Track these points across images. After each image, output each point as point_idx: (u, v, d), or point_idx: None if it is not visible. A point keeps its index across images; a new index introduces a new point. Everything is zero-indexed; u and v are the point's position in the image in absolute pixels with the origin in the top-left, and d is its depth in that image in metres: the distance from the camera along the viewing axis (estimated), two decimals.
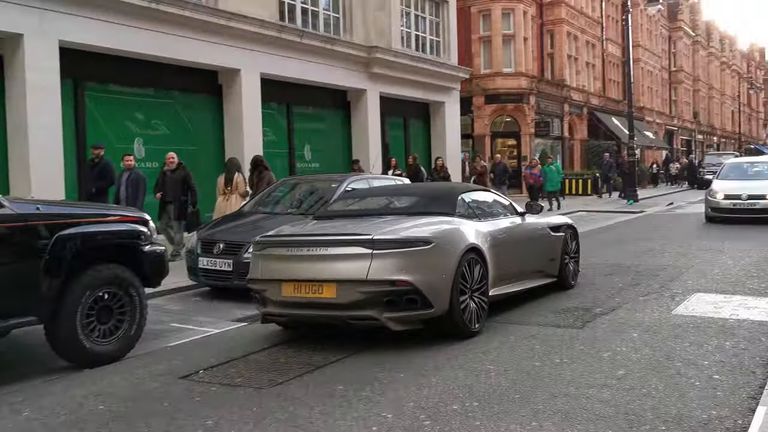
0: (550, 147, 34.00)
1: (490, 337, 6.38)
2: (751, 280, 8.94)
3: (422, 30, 22.76)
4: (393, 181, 11.72)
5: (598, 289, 8.63)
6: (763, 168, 18.17)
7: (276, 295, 6.12)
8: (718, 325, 6.57)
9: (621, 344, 5.95)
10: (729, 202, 16.33)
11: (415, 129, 23.95)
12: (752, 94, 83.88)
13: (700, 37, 61.42)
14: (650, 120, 47.47)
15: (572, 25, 35.18)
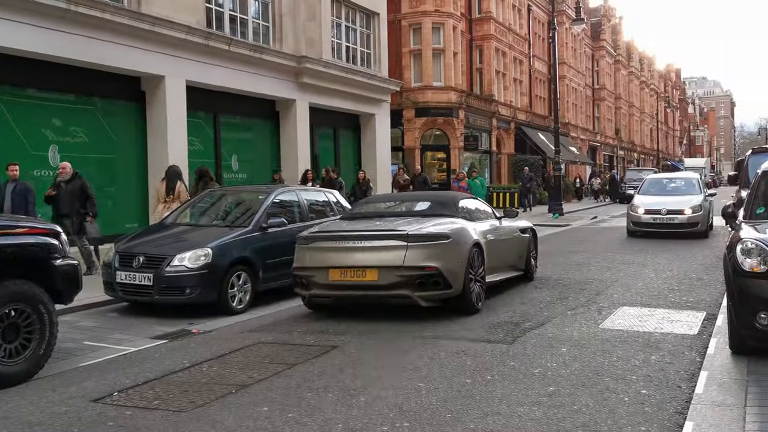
0: (479, 161, 34.47)
1: (420, 353, 6.27)
2: (672, 293, 9.16)
3: (353, 41, 22.69)
4: (322, 192, 11.54)
5: (528, 303, 8.67)
6: (680, 184, 18.83)
7: (324, 280, 7.68)
8: (643, 338, 6.66)
9: (551, 360, 5.95)
10: (649, 216, 16.81)
11: (346, 140, 23.82)
12: (669, 112, 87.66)
13: (621, 56, 63.73)
14: (575, 136, 48.82)
15: (500, 41, 35.84)
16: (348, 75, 21.51)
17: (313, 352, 6.44)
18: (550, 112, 44.02)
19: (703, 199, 17.19)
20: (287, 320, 8.11)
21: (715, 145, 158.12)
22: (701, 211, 16.61)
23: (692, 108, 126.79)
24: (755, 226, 6.13)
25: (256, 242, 9.07)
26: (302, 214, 10.28)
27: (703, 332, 6.89)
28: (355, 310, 8.32)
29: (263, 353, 6.49)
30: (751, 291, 5.47)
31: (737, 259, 5.62)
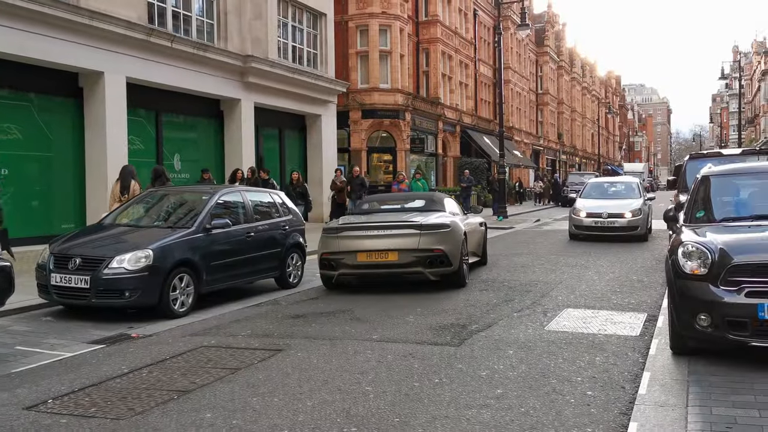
0: (425, 163, 34.67)
1: (367, 356, 6.23)
2: (615, 295, 9.34)
3: (300, 42, 22.53)
4: (268, 194, 11.38)
5: (474, 305, 8.71)
6: (621, 188, 19.19)
7: (352, 261, 9.73)
8: (588, 340, 6.76)
9: (498, 362, 5.97)
10: (591, 220, 17.11)
11: (291, 141, 23.63)
12: (609, 117, 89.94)
13: (564, 62, 65.09)
14: (518, 140, 49.59)
15: (447, 45, 36.13)
16: (294, 75, 21.36)
17: (258, 356, 6.32)
18: (495, 116, 44.68)
19: (642, 203, 17.45)
20: (231, 324, 7.95)
21: (653, 151, 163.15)
22: (641, 215, 16.88)
23: (631, 114, 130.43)
24: (695, 229, 6.28)
25: (199, 244, 8.88)
26: (247, 215, 10.12)
27: (644, 333, 7.03)
28: (301, 318, 8.22)
29: (206, 358, 6.34)
30: (691, 293, 5.59)
31: (678, 261, 5.74)
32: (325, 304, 9.17)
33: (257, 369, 5.89)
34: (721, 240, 5.71)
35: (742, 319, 5.32)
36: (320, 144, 23.95)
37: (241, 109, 19.55)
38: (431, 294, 9.59)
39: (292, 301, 9.49)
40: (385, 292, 9.89)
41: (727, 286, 5.42)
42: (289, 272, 10.77)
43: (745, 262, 5.42)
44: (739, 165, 8.60)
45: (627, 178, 21.74)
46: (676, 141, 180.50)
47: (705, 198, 6.93)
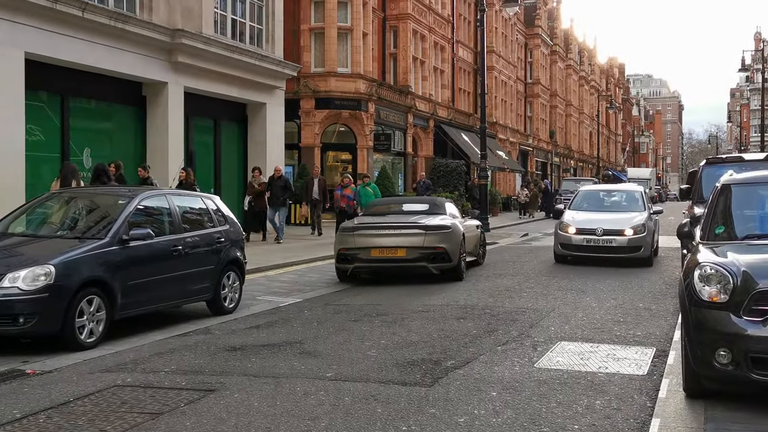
0: (391, 164, 34.79)
1: (320, 399, 6.18)
2: (618, 325, 9.44)
3: (241, 14, 22.47)
4: (200, 198, 11.27)
5: (449, 336, 8.72)
6: (621, 198, 18.62)
7: (366, 256, 13.24)
8: (586, 380, 6.80)
9: (479, 406, 5.97)
10: (582, 238, 16.30)
11: (229, 134, 23.50)
12: (611, 114, 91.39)
13: (558, 47, 66.09)
14: (503, 138, 50.08)
15: (419, 23, 36.38)
16: (234, 55, 21.29)
17: (185, 398, 6.22)
18: (476, 109, 45.06)
19: (647, 218, 16.73)
20: (152, 357, 7.83)
21: (662, 154, 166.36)
22: (644, 233, 16.17)
23: (637, 110, 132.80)
24: (714, 248, 6.38)
25: (113, 259, 8.73)
26: (174, 224, 9.99)
27: (653, 372, 7.10)
28: (239, 351, 8.14)
29: (120, 400, 6.22)
30: (709, 324, 5.66)
31: (695, 286, 5.82)
32: (268, 333, 9.10)
33: (184, 414, 5.79)
34: (744, 261, 5.80)
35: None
36: (264, 138, 23.88)
37: (168, 95, 19.40)
38: (399, 322, 9.57)
39: (227, 330, 9.39)
40: (344, 320, 9.85)
41: (752, 316, 5.50)
42: (225, 295, 10.66)
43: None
44: (766, 173, 8.77)
45: (629, 186, 21.20)
46: (689, 143, 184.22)
47: (725, 211, 7.04)
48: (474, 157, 38.82)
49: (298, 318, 10.18)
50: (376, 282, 13.92)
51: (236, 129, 23.88)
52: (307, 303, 11.50)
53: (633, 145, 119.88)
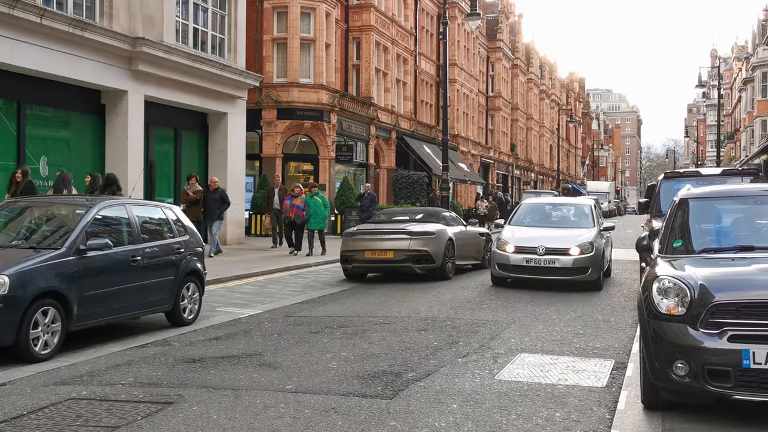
0: (353, 175, 34.78)
1: (280, 411, 6.13)
2: (577, 338, 9.51)
3: (203, 24, 22.34)
4: (159, 208, 11.15)
5: (411, 348, 8.71)
6: (569, 212, 16.67)
7: (362, 257, 15.57)
8: (546, 392, 6.84)
9: (439, 418, 5.97)
10: (521, 257, 14.33)
11: (190, 144, 23.33)
12: (571, 127, 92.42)
13: (519, 60, 66.66)
14: (465, 150, 50.35)
15: (382, 35, 36.48)
16: (195, 64, 21.15)
17: (142, 411, 6.14)
18: (438, 122, 45.26)
19: (596, 235, 14.81)
20: (109, 369, 7.72)
21: (620, 168, 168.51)
22: (592, 252, 14.22)
23: (596, 124, 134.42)
24: (672, 261, 6.47)
25: (70, 269, 8.59)
26: (133, 234, 9.87)
27: (612, 384, 7.17)
28: (198, 363, 8.05)
29: (75, 413, 6.12)
30: (667, 336, 5.74)
31: (653, 299, 5.89)
32: (228, 345, 9.02)
33: (141, 427, 5.72)
34: (701, 275, 5.89)
35: (725, 368, 5.47)
36: (225, 148, 23.75)
37: (128, 103, 19.21)
38: (360, 334, 9.55)
39: (186, 342, 9.29)
40: (305, 331, 9.80)
41: (708, 329, 5.57)
42: (184, 306, 10.55)
43: (728, 301, 5.60)
44: (722, 187, 8.95)
45: (578, 200, 19.33)
46: (647, 157, 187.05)
47: (683, 225, 7.15)
48: (436, 168, 38.95)
49: (258, 329, 10.11)
50: (340, 294, 13.90)
51: (197, 139, 23.72)
52: (267, 314, 11.42)
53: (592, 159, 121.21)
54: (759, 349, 5.37)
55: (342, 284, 15.48)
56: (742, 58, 76.39)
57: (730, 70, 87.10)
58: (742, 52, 78.95)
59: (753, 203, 7.27)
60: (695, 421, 5.77)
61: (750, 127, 64.27)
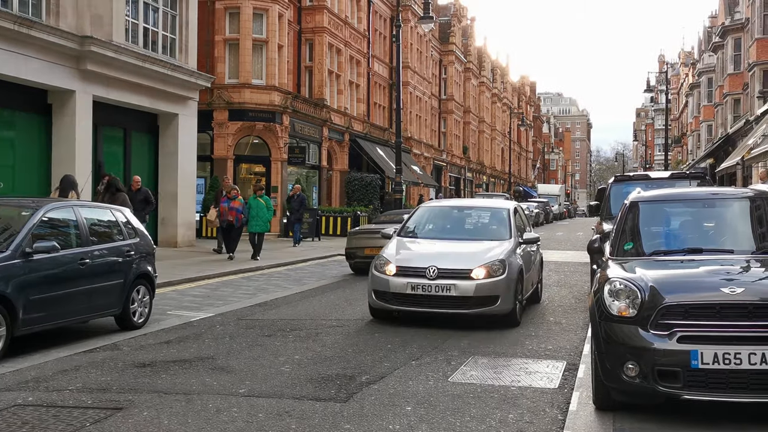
0: (306, 177, 34.67)
1: (233, 415, 6.08)
2: (529, 339, 9.61)
3: (153, 23, 22.06)
4: (109, 210, 10.97)
5: (364, 351, 8.71)
6: (480, 218, 12.53)
7: (362, 254, 17.12)
8: (499, 393, 6.89)
9: (393, 421, 5.98)
10: (404, 282, 10.32)
11: (140, 145, 23.01)
12: (522, 131, 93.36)
13: (471, 64, 67.14)
14: (418, 153, 50.54)
15: (335, 37, 36.43)
16: (145, 64, 20.88)
17: (90, 417, 6.04)
18: (391, 124, 45.37)
19: (512, 250, 10.95)
20: (56, 375, 7.57)
21: (570, 171, 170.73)
22: (504, 274, 10.29)
23: (547, 127, 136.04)
24: (622, 264, 6.57)
25: (15, 272, 8.41)
26: (81, 237, 9.70)
27: (564, 385, 7.25)
28: (148, 367, 7.94)
29: (21, 420, 5.99)
30: (618, 338, 5.82)
31: (604, 301, 5.97)
32: (179, 349, 8.91)
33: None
34: (651, 277, 5.99)
35: (674, 369, 5.57)
36: (176, 149, 23.47)
37: (76, 104, 18.89)
38: (313, 337, 9.52)
39: (136, 346, 9.16)
40: (257, 335, 9.73)
41: (658, 330, 5.67)
42: (134, 309, 10.41)
43: (678, 303, 5.70)
44: (671, 191, 9.11)
45: (494, 202, 15.00)
46: (597, 160, 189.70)
47: (633, 228, 7.26)
48: (389, 171, 39.04)
49: (209, 333, 10.00)
50: (293, 296, 13.82)
51: (147, 140, 23.40)
52: (219, 318, 11.31)
53: (543, 162, 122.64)
54: (707, 350, 5.47)
55: (294, 287, 15.40)
56: (688, 63, 77.98)
57: (677, 76, 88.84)
58: (689, 58, 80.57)
59: (701, 206, 7.42)
60: (645, 421, 5.86)
61: (696, 132, 65.68)
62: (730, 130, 45.90)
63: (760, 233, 7.04)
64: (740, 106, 46.01)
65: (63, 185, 14.78)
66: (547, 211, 57.25)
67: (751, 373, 5.41)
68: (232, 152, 30.07)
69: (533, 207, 49.71)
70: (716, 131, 54.49)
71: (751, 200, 7.36)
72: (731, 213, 7.32)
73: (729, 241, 6.91)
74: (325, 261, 21.83)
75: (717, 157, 49.29)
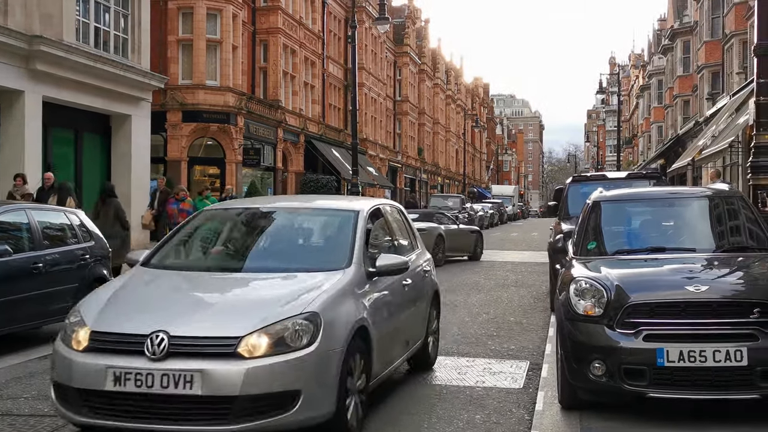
0: (261, 179, 34.42)
1: None
2: (492, 340, 9.61)
3: (105, 23, 21.67)
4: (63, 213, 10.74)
5: None
6: (308, 229, 7.30)
7: None
8: (465, 394, 6.86)
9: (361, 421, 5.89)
10: (101, 366, 5.09)
11: (91, 147, 22.58)
12: (476, 132, 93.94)
13: (426, 65, 67.35)
14: (373, 154, 50.50)
15: (290, 37, 36.23)
16: (97, 64, 20.52)
17: (47, 425, 5.89)
18: (346, 125, 45.28)
19: (338, 293, 5.68)
20: (9, 382, 7.37)
21: (523, 172, 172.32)
22: (310, 345, 5.14)
23: (500, 129, 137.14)
24: (586, 263, 6.59)
25: None
26: (34, 240, 9.46)
27: (529, 385, 7.25)
28: None
29: None
30: (584, 337, 5.83)
31: (570, 300, 5.98)
32: None
33: None
34: (617, 276, 6.01)
35: (640, 367, 5.59)
36: (129, 151, 23.08)
37: (25, 104, 18.48)
38: None
39: None
40: None
41: (625, 329, 5.68)
42: None
43: (643, 302, 5.72)
44: (633, 190, 9.20)
45: (334, 203, 8.33)
46: (549, 161, 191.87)
47: (596, 227, 7.30)
48: (345, 172, 38.93)
49: None
50: None
51: (99, 141, 22.98)
52: None
53: (497, 163, 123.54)
54: (672, 348, 5.50)
55: None
56: (639, 65, 79.27)
57: (627, 78, 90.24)
58: (639, 60, 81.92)
59: (662, 206, 7.49)
60: (612, 420, 5.88)
61: (647, 133, 66.75)
62: (681, 131, 46.74)
63: (720, 231, 7.15)
64: (690, 107, 46.87)
65: (60, 192, 14.78)
66: (501, 212, 57.65)
67: (715, 371, 5.46)
68: (186, 154, 29.71)
69: (488, 208, 50.08)
70: (667, 132, 55.46)
71: (710, 199, 7.46)
72: (692, 212, 7.41)
73: (690, 240, 6.99)
74: None
75: (668, 158, 50.14)
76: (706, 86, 39.21)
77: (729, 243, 6.95)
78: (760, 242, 6.81)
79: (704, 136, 29.31)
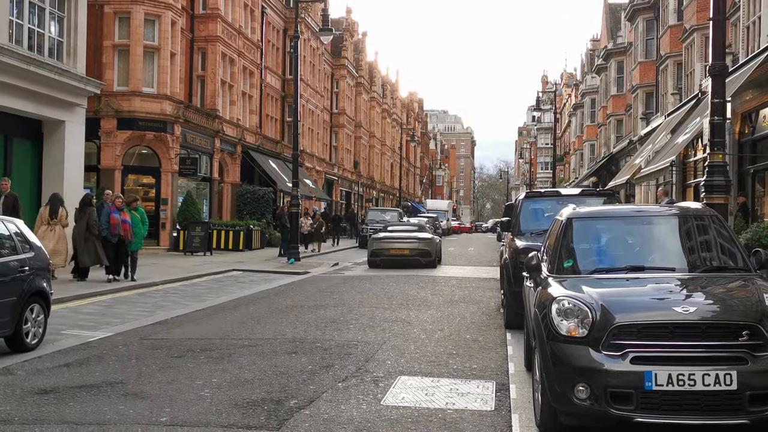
0: (197, 189, 33.71)
1: None
2: (452, 358, 9.37)
3: (40, 25, 20.91)
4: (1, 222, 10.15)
5: (285, 373, 8.27)
6: None
7: (387, 254, 25.35)
8: (438, 417, 6.61)
9: None
10: None
11: (22, 153, 21.71)
12: (412, 146, 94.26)
13: (363, 79, 67.26)
14: (310, 166, 50.04)
15: (229, 46, 35.64)
16: (30, 67, 19.77)
17: None
18: (283, 136, 44.85)
19: None
20: None
21: (456, 187, 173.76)
22: None
23: (434, 144, 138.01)
24: (562, 282, 6.41)
25: None
26: None
27: (500, 407, 7.02)
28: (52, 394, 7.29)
29: None
30: (568, 359, 5.62)
31: (552, 320, 5.78)
32: (82, 372, 8.24)
33: None
34: (599, 295, 5.84)
35: (627, 390, 5.41)
36: (62, 158, 22.29)
37: None
38: (227, 358, 9.00)
39: (33, 370, 8.43)
40: (165, 356, 9.12)
41: (611, 351, 5.50)
42: (27, 330, 9.64)
43: (630, 323, 5.55)
44: (607, 208, 9.11)
45: None
46: (480, 177, 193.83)
47: (570, 245, 7.13)
48: (282, 184, 38.47)
49: (112, 354, 9.35)
50: (194, 314, 13.19)
51: (30, 147, 22.11)
52: (120, 337, 10.62)
53: (430, 178, 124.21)
54: (660, 371, 5.34)
55: (194, 304, 14.74)
56: (571, 84, 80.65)
57: (560, 96, 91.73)
58: (572, 79, 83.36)
59: (640, 224, 7.37)
60: None
61: (579, 151, 67.87)
62: (614, 149, 47.54)
63: (699, 250, 7.06)
64: (623, 126, 47.76)
65: (53, 202, 15.86)
66: (436, 227, 57.67)
67: (705, 395, 5.32)
68: (120, 162, 28.86)
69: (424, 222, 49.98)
70: (599, 151, 56.40)
71: (686, 218, 7.36)
72: (669, 230, 7.30)
73: (669, 259, 6.88)
74: (222, 276, 21.17)
75: (600, 176, 50.97)
76: (640, 106, 40.01)
77: (708, 262, 6.86)
78: (737, 261, 6.75)
79: (641, 155, 29.78)
